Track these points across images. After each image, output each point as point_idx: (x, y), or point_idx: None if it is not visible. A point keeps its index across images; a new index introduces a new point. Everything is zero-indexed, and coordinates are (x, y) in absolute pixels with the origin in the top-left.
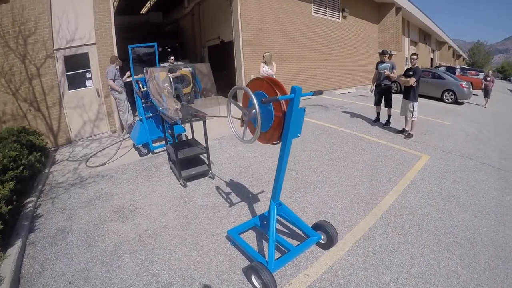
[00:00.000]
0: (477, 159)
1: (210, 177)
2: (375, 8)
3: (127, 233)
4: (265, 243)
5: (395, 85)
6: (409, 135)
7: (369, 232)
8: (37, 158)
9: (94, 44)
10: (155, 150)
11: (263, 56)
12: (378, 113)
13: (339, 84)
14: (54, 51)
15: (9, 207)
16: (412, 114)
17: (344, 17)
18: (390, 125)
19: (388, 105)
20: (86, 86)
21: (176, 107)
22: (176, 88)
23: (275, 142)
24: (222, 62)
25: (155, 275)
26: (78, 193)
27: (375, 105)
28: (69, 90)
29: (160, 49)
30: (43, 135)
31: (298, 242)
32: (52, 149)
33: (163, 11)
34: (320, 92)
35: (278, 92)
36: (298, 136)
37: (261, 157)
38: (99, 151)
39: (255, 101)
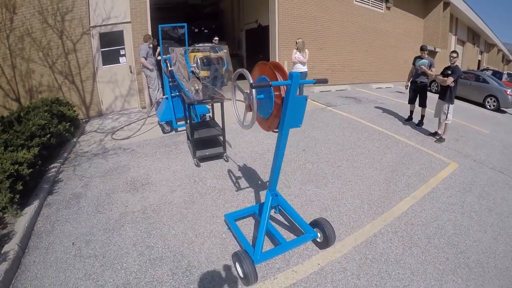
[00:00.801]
0: (510, 174)
1: (224, 159)
2: (421, 1)
3: (134, 205)
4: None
5: (436, 85)
6: (441, 139)
7: (372, 238)
8: (66, 127)
9: (129, 22)
10: (179, 129)
11: (296, 42)
12: (411, 112)
13: (377, 77)
14: (90, 28)
15: (30, 170)
16: (446, 117)
17: (388, 8)
18: (423, 126)
19: (423, 104)
20: (119, 63)
21: (197, 87)
22: (217, 69)
23: (275, 130)
24: (258, 46)
25: (150, 247)
26: (98, 163)
27: (408, 103)
28: (103, 65)
29: (196, 30)
30: (76, 107)
31: (295, 237)
32: (84, 120)
33: None
34: (324, 81)
35: (280, 77)
36: (299, 127)
37: None
38: (126, 125)
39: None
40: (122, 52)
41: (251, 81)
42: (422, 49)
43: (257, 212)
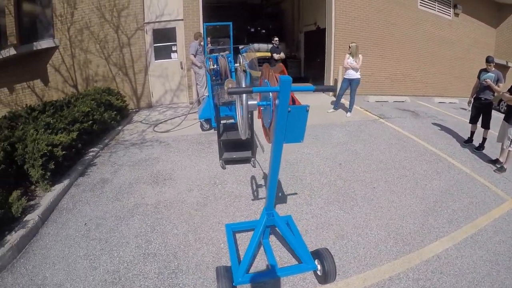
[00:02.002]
0: None
1: (251, 165)
2: (494, 9)
3: (150, 198)
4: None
5: (505, 103)
6: (501, 169)
7: (386, 282)
8: (112, 116)
9: (182, 20)
10: None
11: (349, 46)
12: (472, 133)
13: (440, 91)
14: (144, 24)
15: (64, 152)
16: (510, 143)
17: (456, 14)
18: (483, 151)
19: (486, 125)
20: (171, 58)
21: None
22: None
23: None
24: (316, 49)
25: (148, 241)
26: (133, 152)
27: (469, 122)
28: (155, 60)
29: (252, 30)
30: (127, 97)
31: (296, 263)
32: (134, 110)
33: None
34: (331, 89)
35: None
36: (301, 142)
37: (315, 156)
38: (170, 119)
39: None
40: (174, 48)
41: (243, 86)
42: (488, 61)
43: None
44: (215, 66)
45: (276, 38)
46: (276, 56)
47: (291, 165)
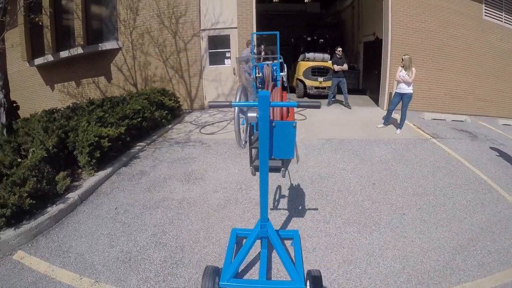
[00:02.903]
0: None
1: (281, 175)
2: None
3: (177, 194)
4: (255, 258)
5: None
6: None
7: None
8: (162, 115)
9: (236, 28)
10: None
11: (402, 59)
12: None
13: (507, 111)
14: (200, 31)
15: (109, 144)
16: None
17: None
18: None
19: None
20: (224, 64)
21: None
22: (329, 79)
23: (273, 158)
24: (375, 60)
25: (164, 232)
26: (175, 150)
27: None
28: (210, 65)
29: (308, 39)
30: (181, 98)
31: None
32: (187, 111)
33: (325, 1)
34: (315, 105)
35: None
36: (290, 158)
37: (349, 172)
38: (218, 122)
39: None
40: (227, 55)
41: (238, 97)
42: None
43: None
44: (260, 74)
45: (340, 49)
46: (336, 67)
47: (321, 179)
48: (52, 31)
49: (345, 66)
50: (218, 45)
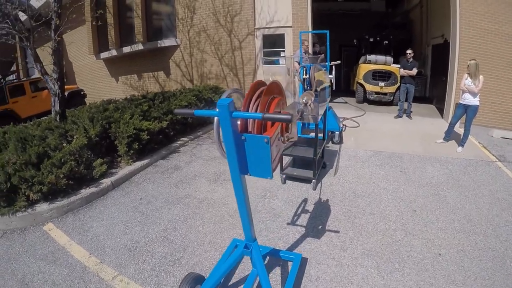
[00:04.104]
0: None
1: (312, 187)
2: None
3: (200, 193)
4: (247, 272)
5: None
6: None
7: None
8: None
9: (290, 27)
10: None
11: (468, 65)
12: None
13: None
14: (255, 30)
15: (148, 137)
16: None
17: None
18: None
19: None
20: (279, 64)
21: (305, 101)
22: (391, 85)
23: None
24: (443, 65)
25: (174, 228)
26: (214, 148)
27: None
28: (264, 64)
29: (371, 40)
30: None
31: None
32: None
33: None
34: (285, 119)
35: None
36: (270, 178)
37: (389, 193)
38: None
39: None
40: (282, 54)
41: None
42: None
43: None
44: (307, 75)
45: (410, 51)
46: (402, 71)
47: (355, 198)
48: (115, 28)
49: (414, 71)
50: (273, 44)
